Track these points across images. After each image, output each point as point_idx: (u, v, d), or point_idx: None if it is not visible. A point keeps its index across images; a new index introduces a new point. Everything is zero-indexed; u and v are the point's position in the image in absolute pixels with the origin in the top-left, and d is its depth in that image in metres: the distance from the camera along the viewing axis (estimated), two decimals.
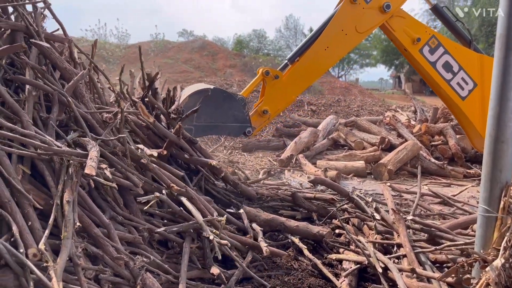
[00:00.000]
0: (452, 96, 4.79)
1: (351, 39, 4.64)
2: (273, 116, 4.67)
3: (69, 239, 2.38)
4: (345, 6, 4.53)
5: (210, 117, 4.33)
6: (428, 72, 4.80)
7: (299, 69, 4.57)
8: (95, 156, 2.56)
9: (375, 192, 6.54)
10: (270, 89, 4.45)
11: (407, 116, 13.45)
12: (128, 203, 3.25)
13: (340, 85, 26.81)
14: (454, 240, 3.17)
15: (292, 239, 3.79)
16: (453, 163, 8.78)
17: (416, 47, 4.70)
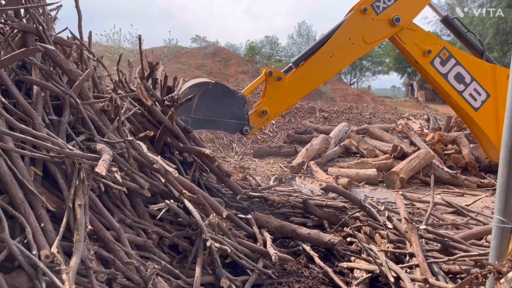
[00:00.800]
0: (465, 107, 4.73)
1: (357, 49, 4.61)
2: (272, 118, 4.64)
3: (81, 242, 2.40)
4: (355, 15, 4.51)
5: (208, 111, 4.29)
6: (439, 83, 4.75)
7: (302, 73, 4.55)
8: (108, 159, 2.59)
9: (387, 200, 6.49)
10: (271, 90, 4.43)
11: (420, 124, 13.33)
12: (136, 206, 3.27)
13: (352, 92, 26.73)
14: (468, 251, 3.12)
15: (303, 246, 3.78)
16: (467, 172, 8.66)
17: (427, 59, 4.65)
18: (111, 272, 2.57)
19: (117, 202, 3.15)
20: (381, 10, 4.53)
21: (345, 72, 53.19)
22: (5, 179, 2.37)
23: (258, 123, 4.51)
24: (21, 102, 2.88)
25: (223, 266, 3.24)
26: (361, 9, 4.46)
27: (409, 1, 4.57)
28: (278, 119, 14.51)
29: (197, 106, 4.17)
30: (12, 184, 2.38)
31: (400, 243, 3.61)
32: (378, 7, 4.53)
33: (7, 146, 2.48)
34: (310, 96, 22.37)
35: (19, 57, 3.01)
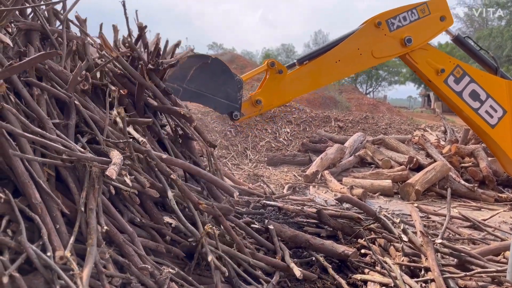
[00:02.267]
0: (481, 124, 4.67)
1: (364, 61, 4.57)
2: (265, 110, 4.57)
3: (94, 246, 2.43)
4: (368, 27, 4.50)
5: (202, 85, 4.19)
6: (454, 102, 4.70)
7: (305, 72, 4.51)
8: (118, 162, 2.61)
9: (402, 212, 6.42)
10: (270, 82, 4.38)
11: (437, 136, 13.19)
12: (148, 210, 3.27)
13: (367, 102, 26.60)
14: (485, 267, 3.07)
15: (316, 257, 3.75)
16: (484, 186, 8.53)
17: (440, 78, 4.60)
18: (126, 277, 2.59)
19: (127, 204, 3.15)
20: (395, 27, 4.51)
21: (361, 81, 53.02)
22: (23, 179, 2.41)
23: (250, 112, 4.44)
24: (33, 106, 2.87)
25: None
26: (375, 22, 4.44)
27: (424, 25, 4.54)
28: (292, 128, 14.51)
29: (191, 78, 4.10)
30: (29, 184, 2.41)
31: (415, 257, 3.56)
32: (393, 24, 4.51)
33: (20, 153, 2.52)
34: (325, 105, 22.35)
35: (38, 60, 3.00)
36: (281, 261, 3.48)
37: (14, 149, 2.46)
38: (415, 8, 4.56)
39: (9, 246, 2.21)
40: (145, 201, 3.24)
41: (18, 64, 2.72)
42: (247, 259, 3.30)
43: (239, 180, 7.34)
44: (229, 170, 9.27)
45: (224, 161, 10.73)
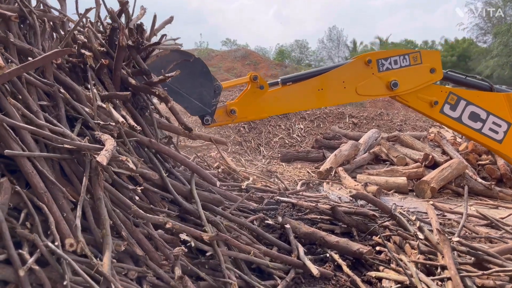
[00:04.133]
0: (488, 143, 4.59)
1: (347, 95, 4.49)
2: (238, 121, 4.49)
3: (108, 235, 2.47)
4: (357, 62, 4.43)
5: (178, 82, 4.12)
6: (455, 128, 4.64)
7: (285, 92, 4.44)
8: (110, 148, 2.61)
9: (417, 210, 6.36)
10: (249, 95, 4.32)
11: (453, 133, 13.00)
12: (153, 202, 3.28)
13: (382, 98, 26.32)
14: (503, 266, 3.02)
15: (331, 254, 3.74)
16: (501, 184, 8.39)
17: (435, 109, 4.52)
18: (142, 270, 2.62)
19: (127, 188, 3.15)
20: (384, 69, 4.43)
21: None
22: (26, 170, 2.42)
23: (222, 120, 4.38)
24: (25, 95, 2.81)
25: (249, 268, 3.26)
26: (365, 60, 4.37)
27: (413, 73, 4.46)
28: (306, 124, 14.46)
29: (169, 72, 4.05)
30: (33, 174, 2.43)
31: (431, 255, 3.53)
32: (383, 65, 4.43)
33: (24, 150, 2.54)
34: None
35: (52, 58, 3.00)
36: (296, 259, 3.47)
37: (15, 141, 2.46)
38: (408, 54, 4.49)
39: (27, 239, 2.24)
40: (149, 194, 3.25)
41: (31, 62, 2.74)
42: (265, 263, 3.31)
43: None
44: (243, 166, 9.28)
45: (238, 157, 10.75)
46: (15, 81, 2.76)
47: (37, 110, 2.76)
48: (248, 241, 3.59)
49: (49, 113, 2.98)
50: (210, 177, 3.71)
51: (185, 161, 3.68)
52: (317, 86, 4.37)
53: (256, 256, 3.29)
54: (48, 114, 2.94)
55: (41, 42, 3.51)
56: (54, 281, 2.22)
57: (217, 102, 4.26)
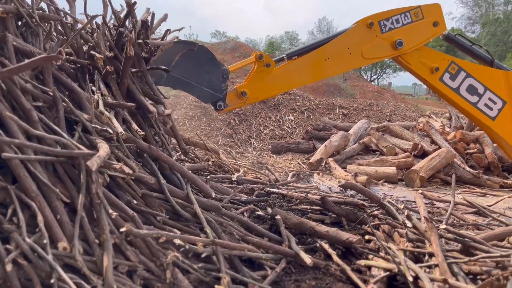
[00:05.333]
0: (481, 118, 4.63)
1: (353, 61, 4.51)
2: (250, 102, 4.51)
3: (108, 241, 2.46)
4: (360, 27, 4.43)
5: (186, 73, 4.05)
6: (452, 98, 4.66)
7: (293, 67, 4.44)
8: (103, 155, 2.60)
9: (406, 199, 6.42)
10: (257, 75, 4.32)
11: (442, 122, 13.13)
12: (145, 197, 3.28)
13: (372, 89, 26.49)
14: (489, 252, 3.07)
15: (321, 244, 3.77)
16: (489, 172, 8.51)
17: (435, 76, 4.55)
18: (132, 264, 2.62)
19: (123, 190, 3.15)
20: (387, 29, 4.44)
21: (365, 68, 52.68)
22: (17, 172, 2.38)
23: (235, 103, 4.38)
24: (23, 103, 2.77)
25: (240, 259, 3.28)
26: (367, 23, 4.38)
27: (416, 29, 4.48)
28: (296, 116, 14.48)
29: (176, 64, 4.00)
30: (25, 177, 2.39)
31: (419, 243, 3.57)
32: (385, 26, 4.44)
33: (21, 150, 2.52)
34: (329, 92, 22.27)
35: (38, 63, 2.93)
36: (289, 249, 3.50)
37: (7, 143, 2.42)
38: (408, 11, 4.50)
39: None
40: (137, 185, 3.25)
41: (18, 66, 2.69)
42: (259, 256, 3.33)
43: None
44: (233, 158, 9.28)
45: (228, 149, 10.74)
46: (7, 82, 2.73)
47: (30, 108, 2.73)
48: (241, 234, 3.61)
49: (48, 115, 2.96)
50: (207, 188, 3.71)
51: (183, 170, 3.67)
52: (323, 56, 4.39)
53: (249, 249, 3.31)
54: (47, 116, 2.92)
55: (43, 44, 3.48)
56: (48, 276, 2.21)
57: (226, 87, 4.26)
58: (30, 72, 3.07)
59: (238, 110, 13.50)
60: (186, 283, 2.68)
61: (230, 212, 3.90)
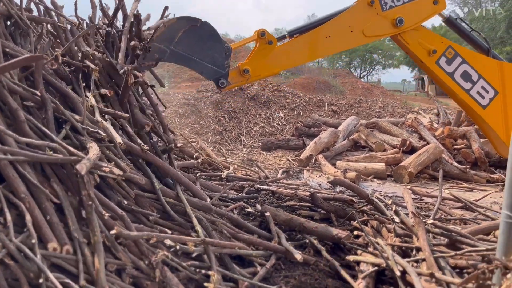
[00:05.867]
0: (472, 105, 4.69)
1: (354, 39, 4.55)
2: (252, 80, 4.53)
3: (100, 242, 2.45)
4: (361, 4, 4.47)
5: (189, 49, 4.04)
6: (446, 83, 4.71)
7: (294, 45, 4.47)
8: (93, 157, 2.60)
9: (395, 194, 6.47)
10: (259, 52, 4.34)
11: (430, 118, 13.24)
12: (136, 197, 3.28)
13: (361, 86, 26.62)
14: (475, 246, 3.11)
15: (310, 240, 3.79)
16: (476, 167, 8.61)
17: (432, 59, 4.60)
18: (121, 263, 2.61)
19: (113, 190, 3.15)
20: (387, 7, 4.48)
21: (355, 65, 52.93)
22: (6, 172, 2.37)
23: (237, 81, 4.39)
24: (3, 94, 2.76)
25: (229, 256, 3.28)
26: (368, 1, 4.41)
27: (417, 7, 4.52)
28: (286, 113, 14.50)
29: (179, 40, 3.99)
30: (14, 177, 2.37)
31: (407, 237, 3.61)
32: (386, 3, 4.48)
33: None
34: (319, 89, 22.33)
35: (21, 64, 2.90)
36: (279, 246, 3.51)
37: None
38: None
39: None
40: (129, 186, 3.24)
41: (2, 66, 2.66)
42: (249, 253, 3.34)
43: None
44: (223, 155, 9.28)
45: (218, 146, 10.73)
46: None
47: (17, 108, 2.71)
48: (232, 231, 3.62)
49: (37, 116, 2.94)
50: (201, 194, 3.74)
51: (177, 175, 3.68)
52: (325, 34, 4.41)
53: (239, 246, 3.32)
54: (36, 116, 2.90)
55: (35, 45, 3.45)
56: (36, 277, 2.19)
57: (229, 64, 4.27)
58: (20, 73, 3.05)
59: (228, 107, 13.49)
60: (175, 281, 2.68)
61: (220, 209, 3.90)
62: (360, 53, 49.08)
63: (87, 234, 2.54)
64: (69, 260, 2.36)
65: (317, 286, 3.12)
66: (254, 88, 14.97)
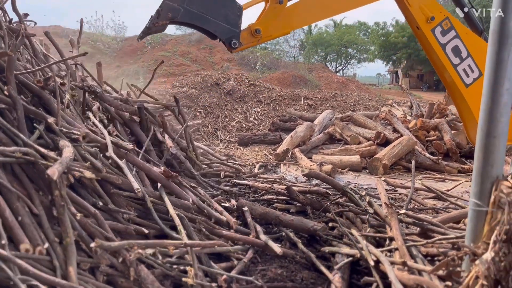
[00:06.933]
0: (456, 81, 4.81)
1: None
2: (263, 41, 4.52)
3: (72, 244, 2.42)
4: None
5: (202, 7, 4.02)
6: (436, 53, 4.81)
7: (306, 4, 4.46)
8: (65, 160, 2.56)
9: (370, 186, 6.57)
10: (270, 12, 4.33)
11: (403, 111, 13.49)
12: (111, 195, 3.25)
13: (337, 80, 26.85)
14: (446, 234, 3.20)
15: (286, 232, 3.82)
16: (448, 158, 8.82)
17: (429, 26, 4.70)
18: (93, 261, 2.58)
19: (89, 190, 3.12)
20: None
21: (330, 60, 53.31)
22: None
23: (248, 42, 4.37)
24: None
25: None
26: None
27: None
28: (262, 107, 14.52)
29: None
30: None
31: (380, 228, 3.68)
32: None
33: None
34: (295, 83, 22.42)
35: None
36: (258, 240, 3.53)
37: None
38: None
39: None
40: (105, 185, 3.21)
41: None
42: (227, 250, 3.34)
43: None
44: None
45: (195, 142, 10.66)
46: None
47: None
48: (210, 228, 3.61)
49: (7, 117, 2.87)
50: (184, 194, 3.74)
51: (159, 177, 3.68)
52: None
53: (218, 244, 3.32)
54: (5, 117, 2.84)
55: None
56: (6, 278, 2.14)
57: (241, 23, 4.22)
58: None
59: (204, 103, 13.41)
60: (151, 278, 2.66)
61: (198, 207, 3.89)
62: (335, 47, 49.47)
63: (59, 232, 2.50)
64: (42, 261, 2.31)
65: (293, 278, 3.15)
66: (230, 83, 14.92)
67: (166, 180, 3.73)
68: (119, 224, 3.03)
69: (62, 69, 4.75)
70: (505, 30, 2.38)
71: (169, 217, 3.35)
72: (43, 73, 3.73)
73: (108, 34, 32.14)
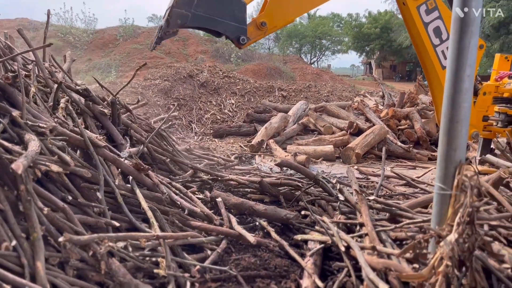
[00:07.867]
0: (434, 62, 4.94)
1: None
2: (269, 32, 4.53)
3: (40, 240, 2.37)
4: None
5: (210, 9, 4.03)
6: (419, 31, 4.92)
7: None
8: (31, 154, 2.51)
9: (343, 175, 6.67)
10: (273, 3, 4.37)
11: (375, 101, 13.70)
12: (81, 189, 3.21)
13: (311, 71, 26.98)
14: (413, 218, 3.28)
15: (260, 222, 3.85)
16: (419, 146, 9.04)
17: (415, 2, 4.81)
18: (62, 256, 2.54)
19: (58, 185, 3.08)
20: None
21: (305, 51, 53.56)
22: None
23: (255, 36, 4.38)
24: None
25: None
26: None
27: None
28: (237, 99, 14.49)
29: (198, 2, 3.97)
30: None
31: (351, 214, 3.75)
32: None
33: None
34: (270, 75, 22.43)
35: None
36: (232, 230, 3.54)
37: None
38: None
39: None
40: (75, 179, 3.16)
41: None
42: (201, 241, 3.34)
43: None
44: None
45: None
46: None
47: None
48: (183, 219, 3.60)
49: None
50: (156, 189, 3.73)
51: (129, 170, 3.65)
52: None
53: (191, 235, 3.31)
54: None
55: None
56: None
57: (246, 19, 4.21)
58: None
59: (178, 95, 13.28)
60: (122, 271, 2.63)
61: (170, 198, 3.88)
62: (309, 39, 49.71)
63: (26, 228, 2.45)
64: (9, 257, 2.27)
65: (266, 266, 3.17)
66: (204, 75, 14.81)
67: (138, 173, 3.70)
68: (89, 218, 2.98)
69: (29, 63, 4.62)
70: (466, 18, 2.45)
71: (141, 210, 3.34)
72: (6, 65, 3.63)
73: (78, 27, 31.33)
